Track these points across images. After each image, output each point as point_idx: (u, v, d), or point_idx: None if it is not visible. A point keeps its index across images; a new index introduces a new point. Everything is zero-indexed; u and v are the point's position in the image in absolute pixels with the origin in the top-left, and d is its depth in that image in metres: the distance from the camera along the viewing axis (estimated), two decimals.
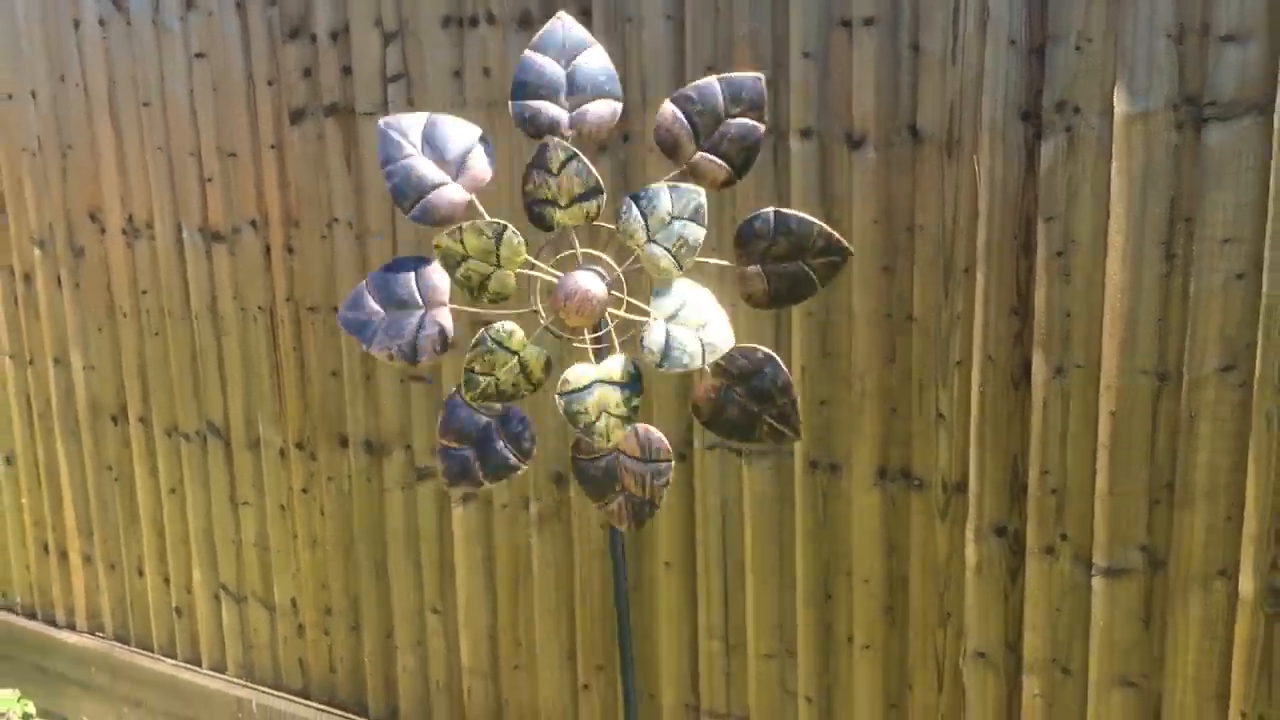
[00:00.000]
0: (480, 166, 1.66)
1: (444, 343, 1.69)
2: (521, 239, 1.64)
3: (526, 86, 1.62)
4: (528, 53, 1.65)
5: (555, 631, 2.63)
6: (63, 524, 3.48)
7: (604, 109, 1.64)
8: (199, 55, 2.84)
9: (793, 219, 1.61)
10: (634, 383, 1.60)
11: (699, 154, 1.61)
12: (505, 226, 1.61)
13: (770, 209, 1.63)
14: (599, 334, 1.64)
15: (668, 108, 1.62)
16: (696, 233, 1.57)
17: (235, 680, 3.20)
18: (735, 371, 1.64)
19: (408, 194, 1.63)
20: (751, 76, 1.60)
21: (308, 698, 3.08)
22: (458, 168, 1.65)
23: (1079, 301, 1.95)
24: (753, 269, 1.61)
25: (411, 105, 2.53)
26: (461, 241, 1.58)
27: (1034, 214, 1.96)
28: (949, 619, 2.17)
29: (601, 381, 1.57)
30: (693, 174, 1.63)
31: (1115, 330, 1.92)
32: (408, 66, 2.53)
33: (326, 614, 2.99)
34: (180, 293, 3.02)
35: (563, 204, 1.59)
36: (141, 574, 3.34)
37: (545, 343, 1.71)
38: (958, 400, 2.09)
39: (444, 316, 1.67)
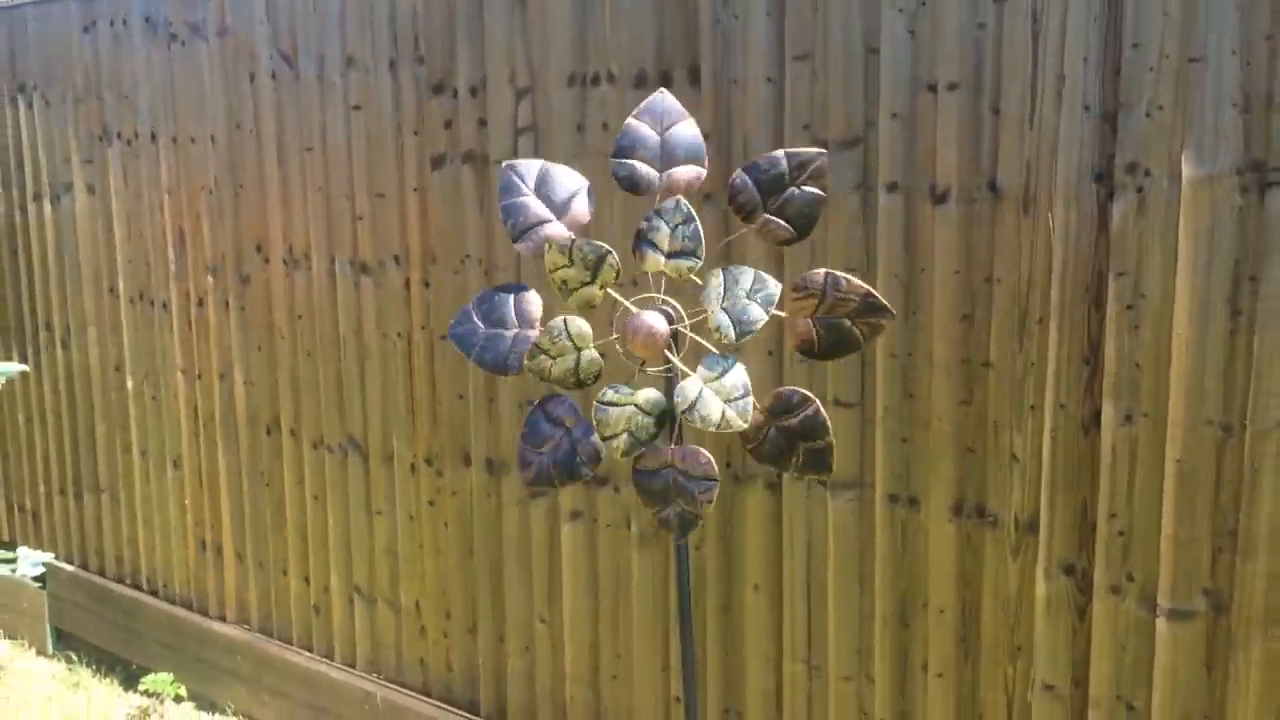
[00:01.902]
0: (581, 210, 1.91)
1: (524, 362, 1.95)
2: (581, 321, 1.89)
3: (626, 149, 1.86)
4: (630, 120, 1.88)
5: (651, 646, 2.81)
6: (220, 524, 3.84)
7: (689, 172, 1.87)
8: (356, 107, 3.17)
9: (842, 280, 1.78)
10: (660, 416, 1.83)
11: (765, 216, 1.80)
12: (610, 252, 1.85)
13: (823, 270, 1.80)
14: (681, 351, 1.85)
15: (738, 175, 1.83)
16: (759, 315, 1.77)
17: (364, 675, 3.47)
18: (780, 408, 1.82)
19: (519, 227, 1.88)
20: (815, 151, 1.80)
21: (427, 694, 3.33)
22: (562, 209, 1.90)
23: (1147, 353, 2.04)
24: (803, 321, 1.79)
25: (538, 154, 2.78)
26: (570, 254, 1.82)
27: (1105, 269, 2.07)
28: (1019, 652, 2.27)
29: (636, 406, 1.79)
30: (762, 234, 1.83)
31: (1181, 382, 2.01)
32: (536, 119, 2.79)
33: (446, 618, 3.24)
34: (330, 318, 3.34)
35: (591, 280, 1.81)
36: (285, 573, 3.66)
37: (649, 384, 1.93)
38: (1030, 443, 2.20)
39: (533, 339, 1.93)
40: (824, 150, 1.82)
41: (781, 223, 1.79)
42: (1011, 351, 2.19)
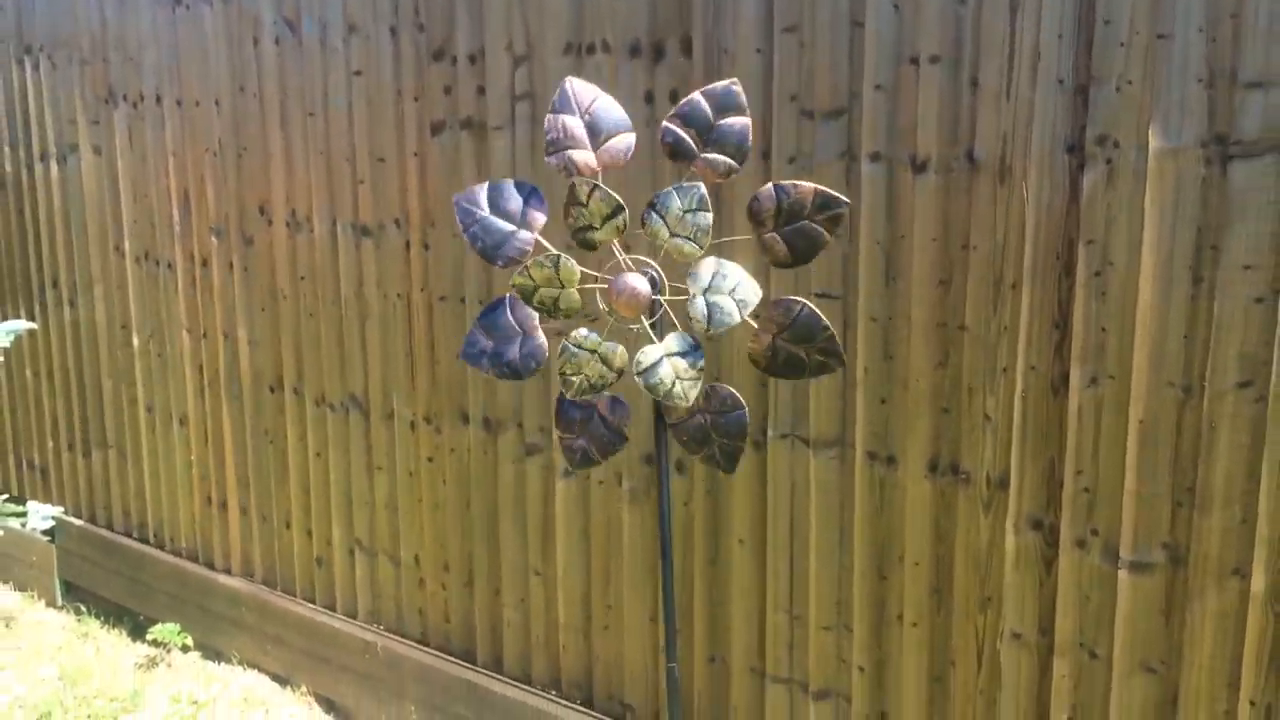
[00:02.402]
0: (536, 214, 2.02)
1: (540, 359, 2.07)
2: (574, 262, 1.99)
3: (556, 142, 1.96)
4: (550, 115, 1.98)
5: (640, 597, 2.93)
6: (224, 479, 3.95)
7: (621, 143, 1.97)
8: (357, 73, 3.24)
9: (790, 187, 1.88)
10: (694, 349, 1.94)
11: (774, 233, 1.90)
12: (560, 255, 1.96)
13: (770, 184, 1.90)
14: (654, 318, 1.95)
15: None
16: (706, 218, 1.88)
17: (364, 625, 3.60)
18: (778, 323, 1.92)
19: (489, 246, 2.00)
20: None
21: (425, 644, 3.45)
22: (520, 217, 2.00)
23: (1113, 318, 2.14)
24: (769, 235, 1.89)
25: (535, 122, 2.86)
26: (530, 275, 1.93)
27: (1075, 237, 2.16)
28: (989, 603, 2.38)
29: (668, 355, 1.90)
30: (763, 246, 1.93)
31: (1145, 345, 2.11)
32: (533, 87, 2.87)
33: (444, 570, 3.36)
34: (332, 280, 3.43)
35: (598, 226, 1.91)
36: (289, 527, 3.77)
37: (618, 336, 2.03)
38: (1003, 404, 2.30)
39: (539, 338, 2.05)
40: (734, 80, 1.92)
41: (720, 157, 1.89)
42: (986, 316, 2.29)
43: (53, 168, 4.29)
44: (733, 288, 1.87)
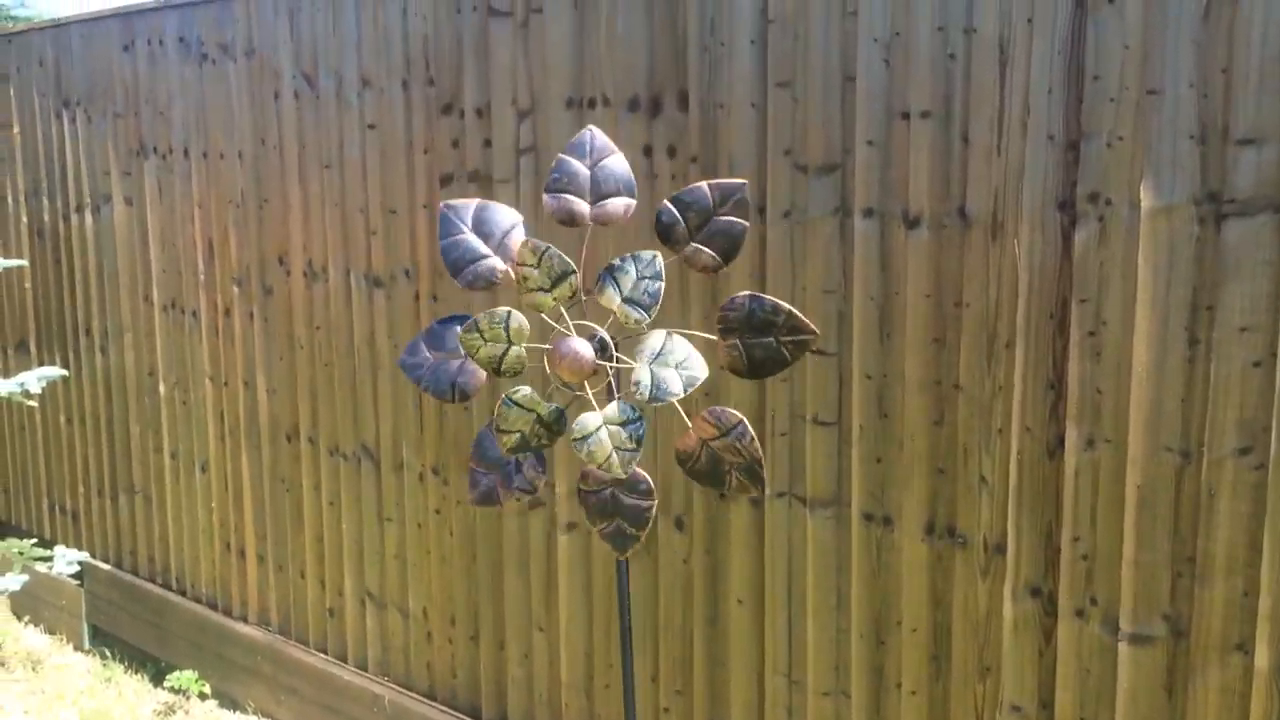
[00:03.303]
0: (515, 244, 1.98)
1: (470, 392, 2.06)
2: (524, 321, 1.96)
3: (559, 181, 1.94)
4: (561, 155, 1.96)
5: (641, 656, 2.87)
6: (243, 527, 3.97)
7: (619, 204, 1.94)
8: (371, 126, 3.28)
9: (767, 302, 1.84)
10: (636, 420, 1.89)
11: (693, 245, 1.86)
12: (510, 311, 1.94)
13: (747, 293, 1.87)
14: (600, 385, 1.92)
15: (665, 206, 1.90)
16: (656, 286, 1.85)
17: (374, 678, 3.58)
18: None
19: (459, 264, 1.97)
20: (737, 182, 1.87)
21: (433, 699, 3.42)
22: (499, 244, 1.98)
23: (1108, 379, 2.07)
24: (731, 343, 1.85)
25: (538, 175, 2.87)
26: (479, 330, 1.91)
27: (1069, 296, 2.10)
28: (988, 672, 2.30)
29: (607, 424, 1.86)
30: (687, 262, 1.89)
31: (1141, 408, 2.04)
32: (536, 140, 2.88)
33: (451, 624, 3.33)
34: (346, 330, 3.46)
35: (548, 288, 1.88)
36: (303, 576, 3.78)
37: (560, 398, 2.00)
38: (998, 466, 2.23)
39: (478, 371, 2.03)
40: (745, 181, 1.89)
41: (708, 251, 1.85)
42: (980, 375, 2.23)
43: (87, 218, 4.39)
44: (679, 361, 1.83)
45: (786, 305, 1.83)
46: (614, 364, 1.93)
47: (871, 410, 2.38)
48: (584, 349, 1.88)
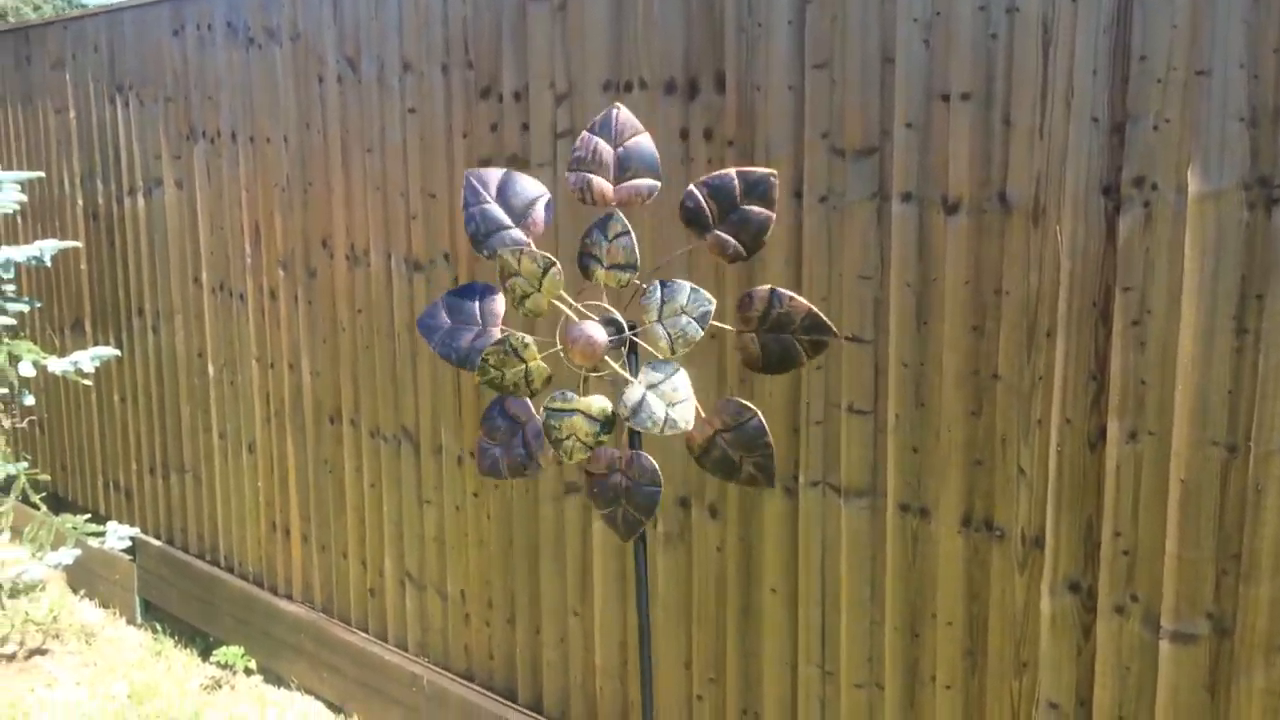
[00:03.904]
0: (539, 218, 1.97)
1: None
2: (562, 276, 1.95)
3: (583, 161, 1.91)
4: (585, 133, 1.93)
5: (674, 644, 2.86)
6: (288, 507, 4.01)
7: (643, 185, 1.91)
8: (411, 110, 3.28)
9: (786, 297, 1.81)
10: (605, 423, 1.89)
11: (716, 232, 1.83)
12: (554, 263, 1.91)
13: (767, 288, 1.83)
14: (598, 374, 1.91)
15: (692, 191, 1.87)
16: (695, 331, 1.82)
17: (413, 658, 3.60)
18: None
19: (481, 233, 1.96)
20: (765, 172, 1.83)
21: (470, 680, 3.44)
22: (522, 216, 1.96)
23: (1153, 370, 2.01)
24: (749, 335, 1.81)
25: None
26: (519, 261, 1.89)
27: (1112, 284, 2.04)
28: (1025, 668, 2.25)
29: (580, 412, 1.85)
30: (711, 248, 1.86)
31: (1186, 400, 1.97)
32: (574, 124, 2.85)
33: (488, 606, 3.34)
34: (386, 313, 3.47)
35: (605, 265, 1.86)
36: (345, 556, 3.81)
37: (596, 387, 1.99)
38: (1037, 458, 2.18)
39: (492, 336, 2.01)
40: (773, 171, 1.85)
41: (732, 240, 1.82)
42: (1019, 364, 2.17)
43: (140, 201, 4.45)
44: (676, 402, 1.81)
45: (806, 303, 1.79)
46: (629, 335, 1.91)
47: (908, 399, 2.34)
48: (593, 329, 1.86)
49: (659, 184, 1.93)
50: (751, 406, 1.86)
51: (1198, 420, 1.97)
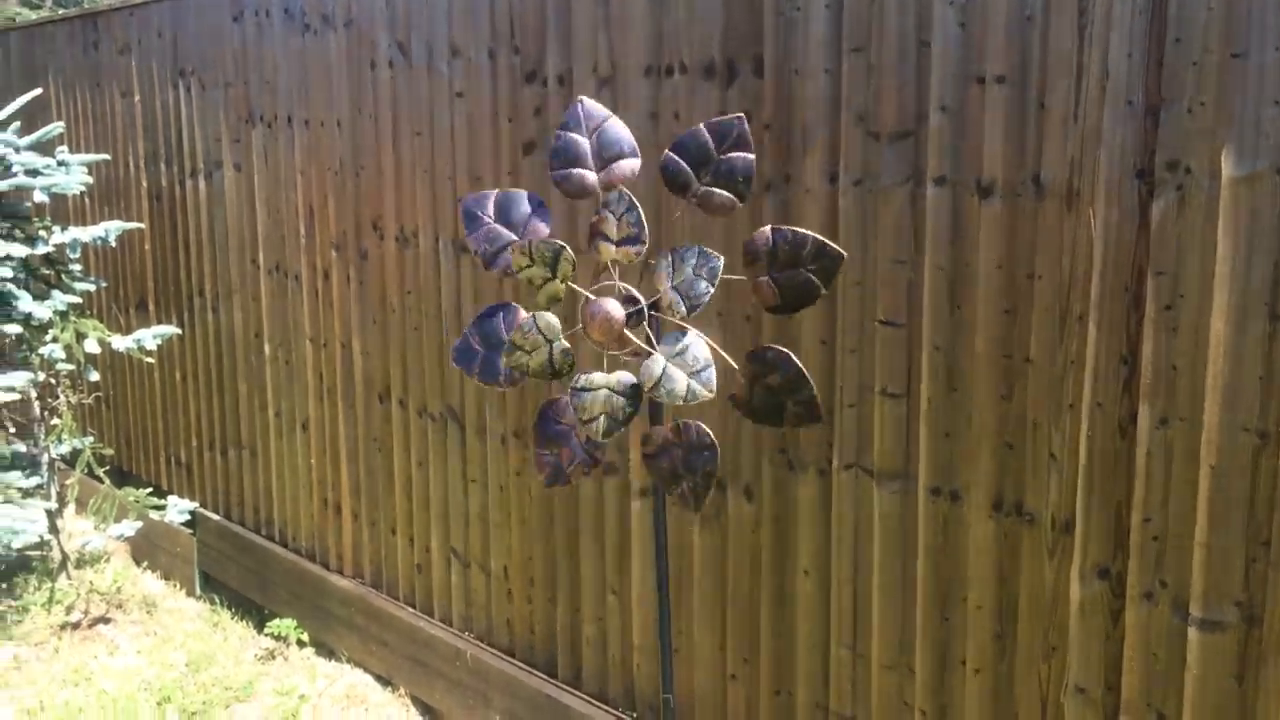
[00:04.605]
0: (539, 225, 2.05)
1: (523, 375, 2.10)
2: (574, 258, 2.00)
3: (562, 156, 1.96)
4: (557, 132, 1.98)
5: (710, 624, 2.89)
6: (339, 484, 4.11)
7: (625, 166, 1.96)
8: (459, 94, 3.34)
9: (788, 232, 1.83)
10: (633, 397, 1.92)
11: (700, 187, 1.86)
12: (564, 247, 1.96)
13: (769, 227, 1.85)
14: (618, 352, 1.95)
15: (667, 155, 1.91)
16: (705, 289, 1.85)
17: (457, 633, 3.68)
18: (761, 367, 1.88)
19: (489, 253, 2.04)
20: (732, 118, 1.87)
21: (512, 655, 3.50)
22: (523, 228, 2.01)
23: (1184, 355, 1.99)
24: (763, 279, 1.84)
25: None
26: (531, 252, 1.93)
27: (1145, 268, 2.02)
28: (1053, 653, 2.25)
29: (609, 389, 1.88)
30: (701, 206, 1.89)
31: (1218, 386, 1.96)
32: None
33: (530, 584, 3.40)
34: (434, 295, 3.54)
35: (552, 275, 1.91)
36: (394, 533, 3.90)
37: (577, 347, 2.04)
38: (1068, 442, 2.17)
39: None
40: (741, 115, 1.89)
41: (720, 191, 1.85)
42: (1051, 348, 2.17)
43: (200, 183, 4.57)
44: (697, 370, 1.84)
45: (807, 232, 1.82)
46: (645, 305, 1.95)
47: (940, 383, 2.34)
48: (610, 306, 1.90)
49: (639, 161, 1.98)
50: (781, 349, 1.89)
51: (1229, 406, 1.95)
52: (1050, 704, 2.26)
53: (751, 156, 1.86)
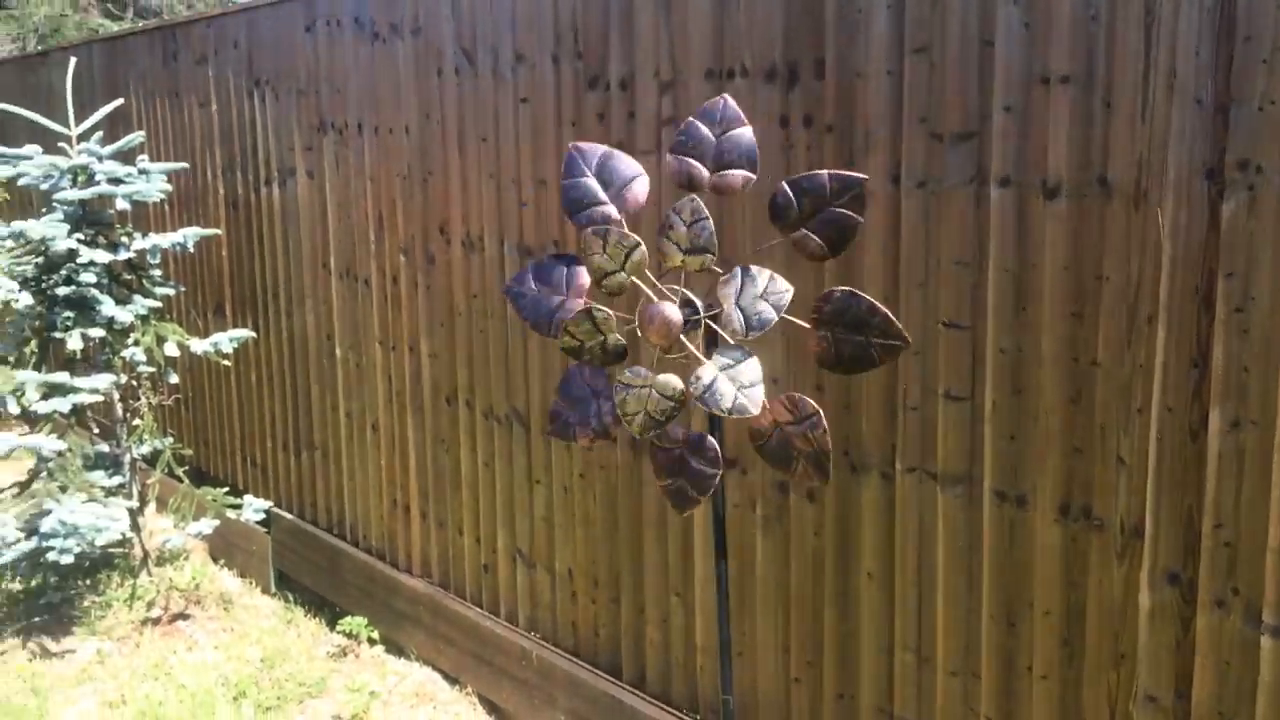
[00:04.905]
0: (634, 197, 2.04)
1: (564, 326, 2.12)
2: (646, 257, 2.02)
3: (685, 145, 1.96)
4: (691, 119, 1.97)
5: (773, 625, 2.89)
6: (408, 484, 4.18)
7: (738, 176, 1.95)
8: (523, 100, 3.38)
9: (864, 301, 1.83)
10: (746, 356, 1.92)
11: (803, 231, 1.86)
12: (639, 244, 1.98)
13: (845, 289, 1.85)
14: (698, 339, 1.96)
15: (781, 188, 1.90)
16: (771, 317, 1.86)
17: (523, 633, 3.72)
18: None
19: (541, 321, 2.07)
20: (858, 176, 1.86)
21: (576, 655, 3.53)
22: (618, 193, 2.03)
23: (1256, 359, 1.95)
24: (824, 334, 1.84)
25: None
26: (605, 240, 1.96)
27: (1215, 269, 1.99)
28: (1122, 660, 2.22)
29: (654, 389, 1.89)
30: (796, 246, 1.89)
31: None
32: (677, 112, 2.90)
33: (594, 585, 3.43)
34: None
35: (620, 267, 1.92)
36: (461, 533, 3.95)
37: (675, 369, 2.05)
38: (1137, 446, 2.14)
39: (577, 305, 2.10)
40: (865, 176, 1.87)
41: (816, 239, 1.85)
42: (1119, 351, 2.14)
43: (275, 190, 4.68)
44: (763, 289, 1.84)
45: (882, 308, 1.82)
46: (704, 316, 1.96)
47: (1005, 386, 2.32)
48: (671, 311, 1.91)
49: (754, 176, 1.97)
50: (814, 404, 1.89)
51: None
52: (1119, 712, 2.23)
53: (860, 220, 1.86)
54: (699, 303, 1.97)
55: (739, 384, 1.85)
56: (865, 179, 1.86)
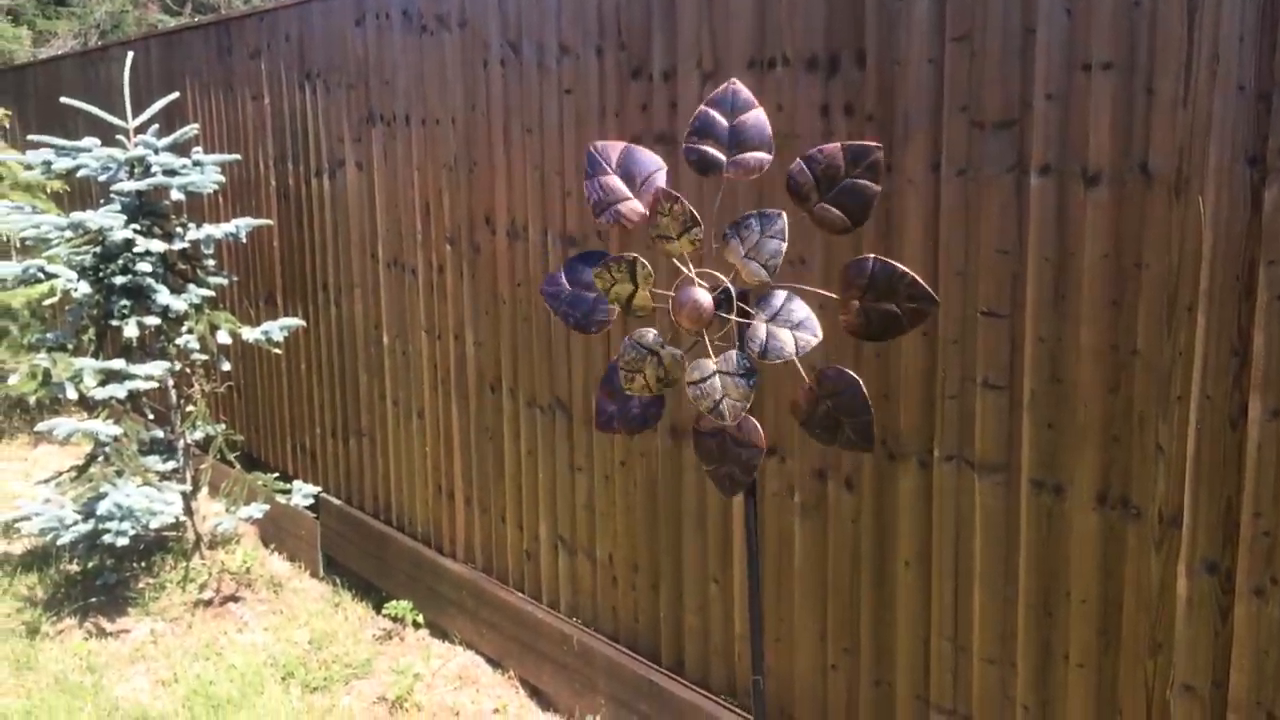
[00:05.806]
0: (655, 189, 2.05)
1: (602, 321, 2.18)
2: (649, 266, 2.05)
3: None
4: (703, 107, 2.00)
5: (811, 612, 2.91)
6: (452, 471, 4.24)
7: (754, 158, 1.97)
8: (568, 91, 3.41)
9: (891, 266, 1.83)
10: (748, 374, 1.95)
11: (820, 204, 1.87)
12: (636, 258, 2.03)
13: (873, 255, 1.86)
14: (720, 333, 1.98)
15: (798, 164, 1.92)
16: (778, 245, 1.88)
17: (564, 618, 3.76)
18: (828, 386, 1.90)
19: (580, 320, 2.11)
20: (872, 145, 1.86)
21: (616, 641, 3.57)
22: (640, 187, 2.05)
23: None
24: (854, 304, 1.85)
25: None
26: (609, 271, 1.99)
27: (1257, 257, 1.97)
28: (1160, 649, 2.21)
29: (720, 372, 1.91)
30: (816, 220, 1.91)
31: None
32: None
33: (634, 571, 3.46)
34: None
35: (674, 236, 1.93)
36: (504, 520, 4.01)
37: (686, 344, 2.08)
38: (1176, 435, 2.13)
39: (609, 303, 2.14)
40: (880, 145, 1.88)
41: (836, 211, 1.86)
42: (1159, 340, 2.13)
43: (325, 181, 4.76)
44: (797, 323, 1.87)
45: (909, 271, 1.83)
46: (734, 316, 1.98)
47: (1044, 374, 2.32)
48: (704, 298, 1.93)
49: (770, 158, 1.99)
50: (853, 374, 1.90)
51: None
52: (1156, 700, 2.22)
53: (878, 188, 1.87)
54: (732, 288, 2.00)
55: (791, 324, 1.88)
56: (879, 146, 1.87)
